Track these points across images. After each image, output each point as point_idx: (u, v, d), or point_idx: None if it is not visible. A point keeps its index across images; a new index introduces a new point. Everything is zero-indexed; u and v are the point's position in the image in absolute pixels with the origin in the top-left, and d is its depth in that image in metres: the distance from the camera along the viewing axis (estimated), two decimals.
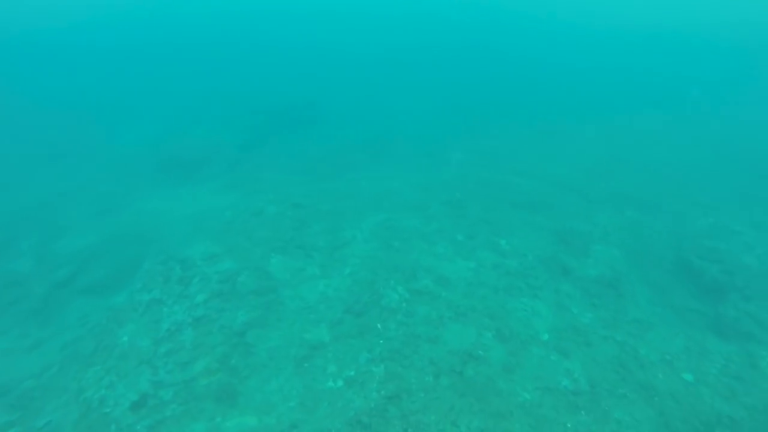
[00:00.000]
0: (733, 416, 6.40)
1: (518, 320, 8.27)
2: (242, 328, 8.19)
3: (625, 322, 8.43)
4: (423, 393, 6.79)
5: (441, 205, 11.91)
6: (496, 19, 48.40)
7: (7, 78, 28.06)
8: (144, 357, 7.62)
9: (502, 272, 9.46)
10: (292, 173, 14.43)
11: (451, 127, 19.03)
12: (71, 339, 8.31)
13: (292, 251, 9.92)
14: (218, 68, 30.33)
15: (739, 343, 7.71)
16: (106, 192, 14.00)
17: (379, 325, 8.01)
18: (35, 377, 7.44)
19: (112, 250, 11.15)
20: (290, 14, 50.94)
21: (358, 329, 8.09)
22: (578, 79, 27.31)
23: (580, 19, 47.72)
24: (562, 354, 7.60)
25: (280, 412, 6.80)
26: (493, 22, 46.44)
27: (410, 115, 20.77)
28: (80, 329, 8.57)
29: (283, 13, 51.25)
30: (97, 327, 8.47)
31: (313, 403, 6.88)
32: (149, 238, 11.32)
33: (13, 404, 6.92)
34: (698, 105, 21.51)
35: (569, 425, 6.37)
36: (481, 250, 10.10)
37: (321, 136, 18.29)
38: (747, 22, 43.38)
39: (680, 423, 6.42)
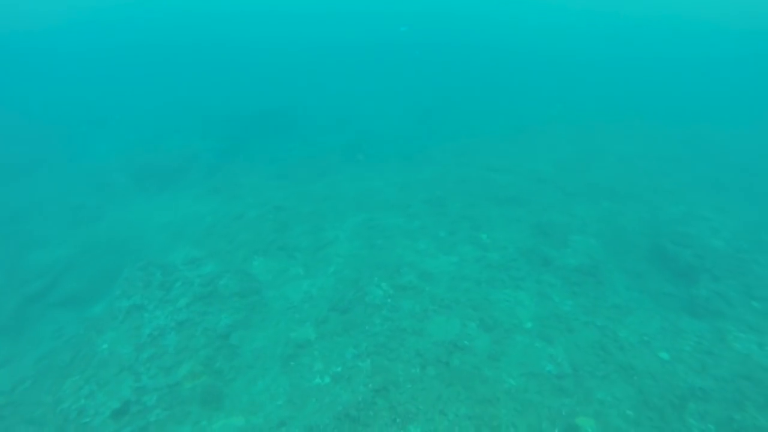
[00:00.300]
0: (705, 388, 6.64)
1: (501, 310, 8.40)
2: (226, 331, 8.09)
3: (605, 308, 8.65)
4: (410, 384, 6.82)
5: (421, 203, 12.04)
6: (466, 17, 49.49)
7: None
8: (125, 364, 7.44)
9: (484, 265, 9.60)
10: (272, 178, 14.37)
11: (427, 127, 19.32)
12: (46, 352, 8.05)
13: (275, 253, 9.87)
14: (192, 75, 30.01)
15: (710, 321, 8.00)
16: (79, 203, 13.63)
17: (365, 322, 8.03)
18: (5, 394, 7.17)
19: (88, 260, 10.87)
20: (264, 19, 50.92)
21: (343, 326, 8.09)
22: (551, 77, 28.17)
23: (552, 18, 49.19)
24: (545, 340, 7.74)
25: (267, 411, 6.74)
26: (463, 21, 47.47)
27: (387, 117, 21.00)
28: (55, 341, 8.32)
29: (256, 19, 51.19)
30: (74, 338, 8.23)
31: (300, 400, 6.83)
32: (127, 247, 11.10)
33: None
34: (668, 101, 22.41)
35: (554, 407, 6.50)
36: (462, 245, 10.24)
37: (299, 140, 18.29)
38: (727, 15, 45.32)
39: (657, 399, 6.62)
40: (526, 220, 11.15)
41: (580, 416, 6.47)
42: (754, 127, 18.25)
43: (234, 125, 19.42)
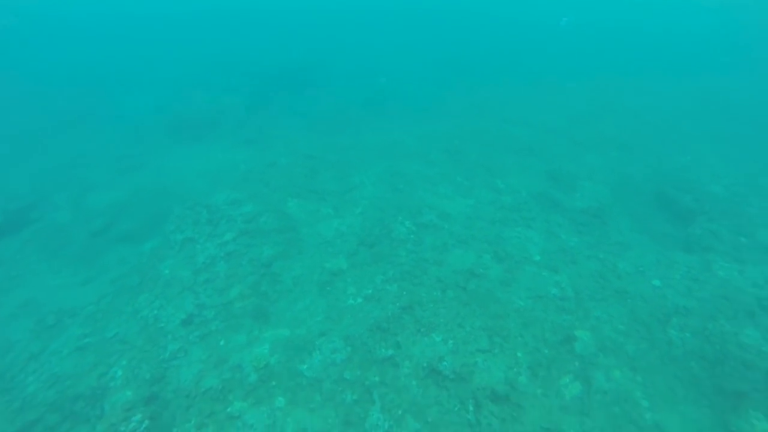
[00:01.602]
0: (687, 306, 7.63)
1: (513, 245, 9.35)
2: (268, 261, 9.21)
3: (607, 244, 9.55)
4: (432, 304, 7.92)
5: (440, 152, 12.79)
6: None
7: (18, 52, 28.27)
8: (186, 285, 8.67)
9: (498, 207, 10.48)
10: (300, 129, 15.16)
11: (446, 82, 19.67)
12: (117, 275, 9.31)
13: (307, 195, 10.85)
14: (220, 33, 30.34)
15: (700, 255, 8.86)
16: (125, 153, 14.69)
17: (391, 254, 9.07)
18: (94, 304, 8.49)
19: (138, 203, 11.98)
20: None
21: (372, 258, 9.15)
22: (566, 33, 27.76)
23: None
24: (551, 270, 8.72)
25: (308, 325, 7.90)
26: None
27: (407, 72, 21.32)
28: (123, 267, 9.55)
29: None
30: (138, 265, 9.46)
31: (337, 316, 7.98)
32: (171, 191, 12.15)
33: (82, 322, 8.01)
34: (682, 58, 22.20)
35: (556, 322, 7.57)
36: (479, 189, 11.08)
37: (323, 95, 18.89)
38: None
39: (646, 316, 7.64)
40: (539, 168, 11.88)
41: (578, 329, 7.55)
42: (765, 79, 18.24)
43: (262, 80, 20.09)
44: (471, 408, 6.23)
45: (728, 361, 6.79)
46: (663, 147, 12.90)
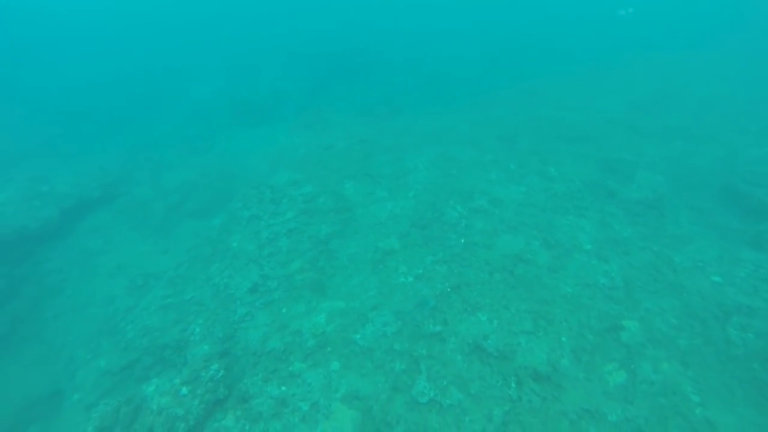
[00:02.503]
0: (752, 306, 7.36)
1: (563, 233, 9.37)
2: (326, 238, 9.89)
3: (664, 237, 9.30)
4: (480, 285, 8.23)
5: (493, 139, 12.82)
6: None
7: (96, 42, 31.38)
8: (251, 257, 9.55)
9: (550, 195, 10.46)
10: (355, 114, 15.74)
11: (500, 69, 19.36)
12: (192, 246, 10.42)
13: (362, 178, 11.39)
14: (275, 21, 31.63)
15: None
16: (194, 135, 16.06)
17: (442, 237, 9.43)
18: (173, 269, 9.62)
19: (207, 181, 13.14)
20: None
21: (423, 239, 9.55)
22: (624, 19, 26.06)
23: None
24: (601, 260, 8.69)
25: (362, 299, 8.48)
26: None
27: (461, 59, 21.18)
28: (197, 239, 10.66)
29: None
30: (210, 237, 10.51)
31: (389, 292, 8.50)
32: (236, 171, 13.19)
33: (165, 285, 9.16)
34: (750, 40, 20.18)
35: (603, 310, 7.62)
36: (531, 177, 11.08)
37: (377, 80, 19.32)
38: None
39: (702, 311, 7.49)
40: (594, 157, 11.62)
41: (625, 319, 7.56)
42: None
43: (316, 67, 20.88)
44: (513, 384, 6.54)
45: None
46: (735, 137, 12.08)
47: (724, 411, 6.24)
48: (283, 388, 6.79)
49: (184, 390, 6.55)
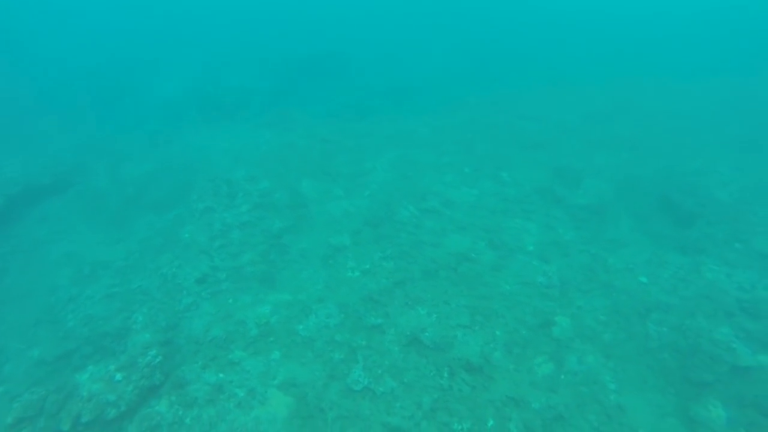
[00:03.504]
0: (669, 303, 7.90)
1: (510, 235, 9.78)
2: (279, 233, 10.01)
3: (603, 241, 9.83)
4: (423, 281, 8.51)
5: (452, 143, 13.24)
6: None
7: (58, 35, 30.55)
8: (202, 248, 9.57)
9: (501, 198, 10.89)
10: (320, 115, 15.91)
11: (464, 77, 19.98)
12: (145, 236, 10.34)
13: (320, 176, 11.57)
14: (247, 21, 31.65)
15: (693, 256, 9.02)
16: (156, 129, 15.88)
17: (392, 235, 9.69)
18: (123, 259, 9.54)
19: (166, 175, 13.03)
20: None
21: (374, 237, 9.79)
22: (585, 33, 27.43)
23: None
24: (542, 260, 9.13)
25: (309, 292, 8.63)
26: None
27: (430, 67, 21.76)
28: (150, 230, 10.58)
29: None
30: (163, 229, 10.46)
31: (335, 286, 8.69)
32: (196, 166, 13.13)
33: (112, 274, 9.08)
34: (704, 62, 21.57)
35: (538, 307, 8.02)
36: (484, 180, 11.50)
37: (345, 84, 19.61)
38: None
39: (627, 308, 7.98)
40: (546, 164, 12.16)
41: (558, 315, 7.98)
42: None
43: (286, 68, 21.07)
44: (445, 374, 6.82)
45: (699, 354, 7.08)
46: (675, 150, 12.87)
47: (635, 396, 6.69)
48: (221, 375, 6.86)
49: (119, 376, 6.53)
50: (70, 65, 23.98)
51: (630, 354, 7.38)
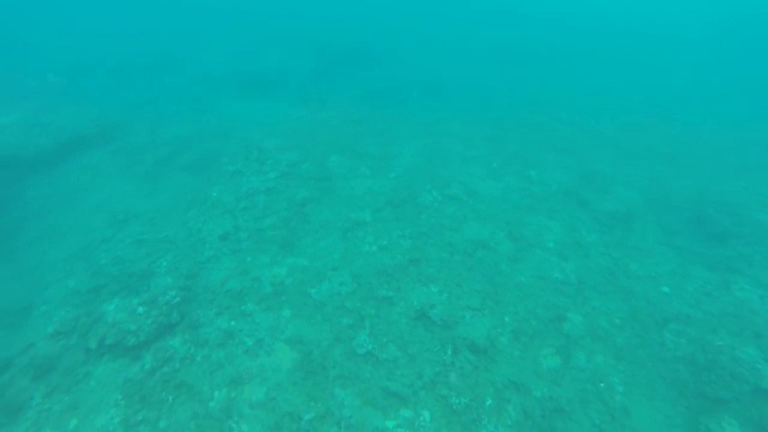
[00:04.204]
0: (691, 315, 7.65)
1: (530, 230, 9.68)
2: (302, 202, 10.23)
3: (626, 247, 9.60)
4: (438, 262, 8.55)
5: (482, 138, 13.18)
6: None
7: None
8: (228, 208, 9.91)
9: (526, 195, 10.79)
10: (354, 99, 16.15)
11: (505, 76, 19.82)
12: (175, 193, 10.77)
13: (348, 154, 11.76)
14: (289, 10, 32.49)
15: (723, 274, 8.68)
16: (197, 96, 16.52)
17: (413, 216, 9.77)
18: (153, 211, 9.98)
19: (201, 139, 13.52)
20: None
21: (394, 216, 9.89)
22: (633, 43, 26.74)
23: None
24: (561, 258, 9.00)
25: (325, 260, 8.80)
26: None
27: (468, 63, 21.72)
28: (180, 188, 11.02)
29: None
30: (193, 187, 10.87)
31: (352, 257, 8.82)
32: (231, 134, 13.57)
33: (143, 223, 9.53)
34: (758, 82, 20.64)
35: (551, 301, 7.92)
36: (511, 176, 11.42)
37: (381, 73, 19.80)
38: None
39: (645, 315, 7.78)
40: (575, 168, 11.95)
41: (571, 312, 7.86)
42: None
43: (325, 54, 21.55)
44: (449, 351, 6.85)
45: (717, 370, 6.83)
46: (715, 168, 12.40)
47: (642, 402, 6.53)
48: (233, 323, 7.11)
49: (140, 309, 6.88)
50: (123, 34, 25.23)
51: (642, 360, 7.19)
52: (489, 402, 6.21)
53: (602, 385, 6.72)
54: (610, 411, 6.37)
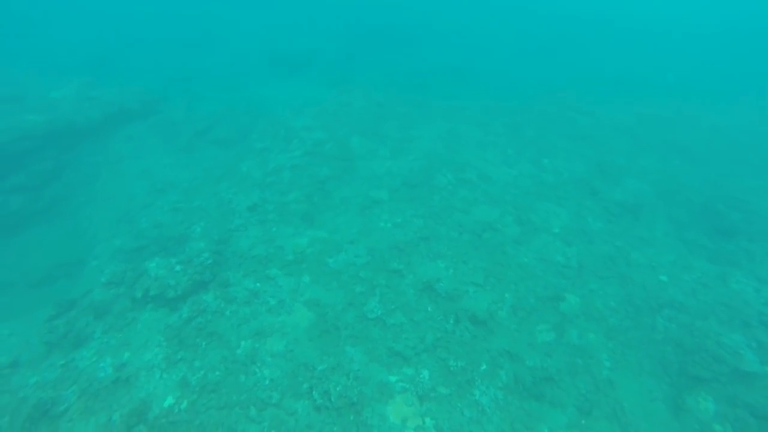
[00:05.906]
0: (685, 303, 8.07)
1: (538, 215, 10.15)
2: (324, 179, 10.94)
3: (630, 237, 9.97)
4: (447, 240, 9.16)
5: (500, 125, 13.53)
6: None
7: None
8: (256, 182, 10.73)
9: (537, 181, 11.20)
10: (378, 82, 16.64)
11: (524, 68, 19.85)
12: (208, 166, 11.68)
13: (370, 136, 12.36)
14: None
15: (722, 267, 9.00)
16: (230, 75, 17.36)
17: (427, 197, 10.37)
18: (189, 182, 10.92)
19: (233, 116, 14.36)
20: None
21: (410, 196, 10.50)
22: (657, 37, 25.91)
23: None
24: (565, 243, 9.47)
25: (343, 233, 9.53)
26: None
27: (494, 51, 21.77)
28: (214, 161, 11.90)
29: None
30: (225, 161, 11.74)
31: (368, 232, 9.52)
32: (260, 112, 14.34)
33: (179, 192, 10.48)
34: None
35: (551, 282, 8.46)
36: (524, 163, 11.81)
37: (408, 57, 20.15)
38: None
39: (640, 301, 8.24)
40: (589, 157, 12.22)
41: (569, 293, 8.38)
42: None
43: (352, 36, 21.92)
44: (451, 321, 7.53)
45: (702, 353, 7.31)
46: (731, 165, 12.41)
47: (627, 377, 7.10)
48: (258, 284, 7.98)
49: (178, 267, 7.81)
50: (164, 13, 26.19)
51: (632, 341, 7.71)
52: (483, 367, 6.89)
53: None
54: (595, 382, 6.97)
